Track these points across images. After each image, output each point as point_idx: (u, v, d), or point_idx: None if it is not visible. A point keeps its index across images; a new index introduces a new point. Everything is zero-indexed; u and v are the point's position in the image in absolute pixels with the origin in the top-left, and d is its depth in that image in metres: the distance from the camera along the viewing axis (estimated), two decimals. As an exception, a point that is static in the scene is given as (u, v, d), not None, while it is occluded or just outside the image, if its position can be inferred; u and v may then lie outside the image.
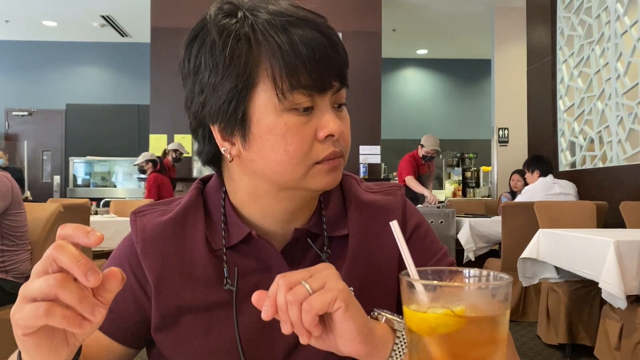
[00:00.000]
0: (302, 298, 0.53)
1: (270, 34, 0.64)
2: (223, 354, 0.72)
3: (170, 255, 0.73)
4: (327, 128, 0.66)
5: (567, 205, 3.90)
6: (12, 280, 2.67)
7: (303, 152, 0.67)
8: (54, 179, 9.70)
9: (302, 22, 0.65)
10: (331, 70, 0.66)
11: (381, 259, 0.77)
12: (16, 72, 9.75)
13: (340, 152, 0.69)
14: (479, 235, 4.76)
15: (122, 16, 8.43)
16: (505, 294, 0.49)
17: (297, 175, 0.68)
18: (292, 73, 0.63)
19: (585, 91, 4.72)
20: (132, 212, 0.78)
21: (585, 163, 4.76)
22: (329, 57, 0.65)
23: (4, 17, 8.50)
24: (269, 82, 0.64)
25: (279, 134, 0.66)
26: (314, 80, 0.64)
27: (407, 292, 0.51)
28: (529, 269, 3.29)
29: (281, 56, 0.63)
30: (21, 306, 0.50)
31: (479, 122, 10.16)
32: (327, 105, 0.68)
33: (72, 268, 0.48)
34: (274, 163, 0.67)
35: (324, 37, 0.65)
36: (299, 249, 0.76)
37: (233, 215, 0.75)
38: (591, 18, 4.63)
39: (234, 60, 0.64)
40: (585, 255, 2.67)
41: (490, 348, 0.50)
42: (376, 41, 6.79)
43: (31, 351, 0.53)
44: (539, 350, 3.51)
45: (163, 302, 0.73)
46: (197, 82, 0.68)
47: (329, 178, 0.69)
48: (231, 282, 0.73)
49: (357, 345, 0.56)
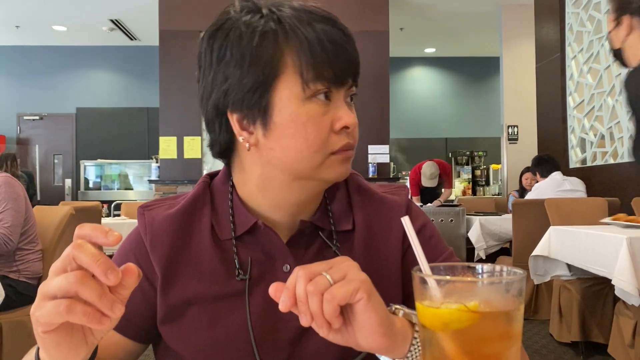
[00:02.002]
0: (323, 288, 0.53)
1: (298, 27, 0.67)
2: (230, 345, 0.72)
3: (178, 248, 0.75)
4: (343, 120, 0.70)
5: (578, 202, 3.88)
6: (25, 280, 2.70)
7: (321, 141, 0.69)
8: (66, 182, 9.77)
9: (324, 19, 0.69)
10: (349, 66, 0.70)
11: (385, 255, 0.78)
12: (27, 77, 9.82)
13: (353, 145, 0.73)
14: (489, 233, 4.74)
15: (131, 20, 8.47)
16: (519, 289, 0.49)
17: (314, 164, 0.70)
18: (317, 65, 0.67)
19: (595, 87, 4.68)
20: (140, 206, 0.79)
21: (596, 160, 4.72)
22: (348, 53, 0.70)
23: (14, 22, 8.57)
24: (295, 72, 0.67)
25: (300, 122, 0.68)
26: (335, 74, 0.68)
27: (420, 287, 0.51)
28: (541, 266, 3.27)
29: (308, 48, 0.67)
30: (41, 304, 0.50)
31: (488, 120, 10.11)
32: (342, 99, 0.71)
33: (92, 266, 0.49)
34: (294, 151, 0.69)
35: (343, 34, 0.70)
36: (303, 241, 0.77)
37: (240, 207, 0.77)
38: (600, 13, 4.59)
39: (261, 52, 0.67)
40: (598, 252, 2.65)
41: (505, 343, 0.50)
42: (384, 40, 6.77)
43: (51, 349, 0.53)
44: (552, 348, 3.49)
45: (170, 295, 0.74)
46: (220, 72, 0.70)
47: (342, 169, 0.72)
48: (243, 272, 0.74)
49: (378, 339, 0.56)
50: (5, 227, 2.58)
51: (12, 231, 2.60)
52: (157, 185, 6.45)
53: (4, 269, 2.63)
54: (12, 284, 2.63)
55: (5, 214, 2.61)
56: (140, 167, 9.54)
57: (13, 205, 2.65)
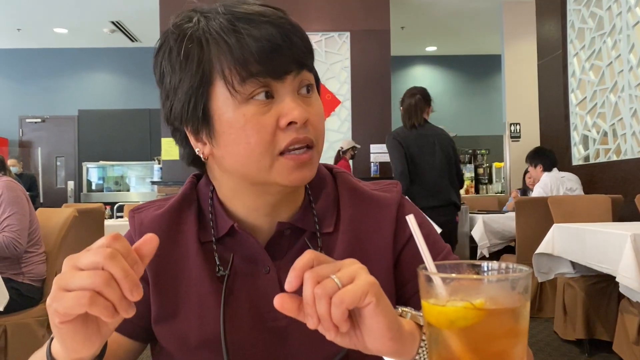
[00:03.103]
0: (331, 292, 0.52)
1: (218, 33, 0.66)
2: (215, 344, 0.72)
3: (166, 248, 0.75)
4: (289, 115, 0.67)
5: (582, 199, 3.87)
6: (29, 283, 2.71)
7: (265, 143, 0.67)
8: (68, 184, 9.79)
9: (253, 17, 0.67)
10: (284, 57, 0.67)
11: (375, 255, 0.76)
12: (29, 80, 9.85)
13: (306, 140, 0.68)
14: (492, 231, 4.73)
15: (132, 21, 8.48)
16: (525, 285, 0.49)
17: (262, 168, 0.69)
18: (241, 66, 0.65)
19: (598, 84, 4.67)
20: (130, 209, 0.81)
21: (599, 157, 4.71)
22: (279, 46, 0.66)
23: (15, 25, 8.59)
24: (221, 78, 0.66)
25: (238, 127, 0.67)
26: (266, 68, 0.66)
27: (426, 285, 0.51)
28: (545, 264, 3.27)
29: (228, 52, 0.66)
30: (59, 295, 0.51)
31: (490, 118, 10.10)
32: (288, 91, 0.68)
33: (121, 280, 0.51)
34: (240, 157, 0.69)
35: (274, 27, 0.67)
36: (284, 243, 0.77)
37: (220, 209, 0.77)
38: (602, 10, 4.58)
39: (188, 61, 0.67)
40: (602, 250, 2.64)
41: (511, 341, 0.50)
42: (385, 39, 6.77)
43: (67, 339, 0.54)
44: (556, 346, 3.48)
45: (160, 295, 0.75)
46: (163, 89, 0.71)
47: (296, 174, 0.69)
48: (223, 269, 0.75)
49: (386, 342, 0.55)
50: (13, 230, 2.60)
51: (21, 234, 2.62)
52: (160, 186, 6.46)
53: (9, 271, 2.63)
54: (16, 287, 2.63)
55: (12, 218, 2.62)
56: (142, 169, 9.55)
57: (18, 209, 2.66)
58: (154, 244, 0.55)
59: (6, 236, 2.57)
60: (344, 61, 6.73)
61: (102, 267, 0.51)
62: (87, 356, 0.57)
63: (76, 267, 0.52)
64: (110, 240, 0.52)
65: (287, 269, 0.55)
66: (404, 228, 0.79)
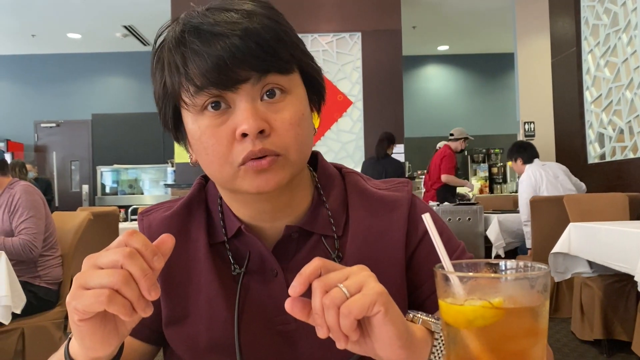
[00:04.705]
0: (339, 302, 0.51)
1: (169, 47, 0.66)
2: (225, 347, 0.72)
3: (175, 250, 0.74)
4: (240, 127, 0.63)
5: (598, 197, 3.82)
6: (45, 286, 2.73)
7: (220, 154, 0.65)
8: (83, 188, 9.88)
9: (206, 26, 0.64)
10: (234, 65, 0.62)
11: (386, 257, 0.75)
12: (43, 85, 9.96)
13: (264, 151, 0.64)
14: (507, 231, 4.69)
15: (144, 25, 8.55)
16: (544, 284, 0.48)
17: (227, 178, 0.67)
18: (187, 80, 0.64)
19: (613, 81, 4.61)
20: (139, 212, 0.81)
21: (615, 154, 4.66)
22: (221, 59, 0.62)
23: (30, 31, 8.70)
24: (178, 89, 0.66)
25: (196, 138, 0.67)
26: (213, 81, 0.62)
27: (443, 285, 0.50)
28: (561, 263, 3.23)
29: (175, 68, 0.65)
30: (78, 293, 0.52)
31: (503, 117, 10.02)
32: (245, 100, 0.64)
33: (139, 280, 0.52)
34: (205, 167, 0.69)
35: (224, 38, 0.62)
36: (292, 246, 0.75)
37: (228, 210, 0.76)
38: (617, 6, 4.53)
39: (157, 70, 0.69)
40: (620, 249, 2.60)
41: (530, 340, 0.49)
42: (396, 39, 6.75)
43: (86, 337, 0.55)
44: (574, 346, 3.44)
45: (170, 298, 0.75)
46: None
47: (259, 181, 0.65)
48: (239, 267, 0.74)
49: (396, 350, 0.54)
50: (29, 234, 2.63)
51: (36, 238, 2.65)
52: (173, 189, 6.49)
53: (26, 275, 2.66)
54: (33, 290, 2.66)
55: (28, 222, 2.66)
56: (156, 172, 9.61)
57: (34, 213, 2.69)
58: (170, 244, 0.56)
59: (22, 239, 2.61)
60: (355, 62, 6.72)
61: (121, 265, 0.51)
62: (104, 356, 0.58)
63: (96, 266, 0.52)
64: (128, 237, 0.53)
65: (295, 272, 0.54)
66: (416, 228, 0.77)
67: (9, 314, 2.39)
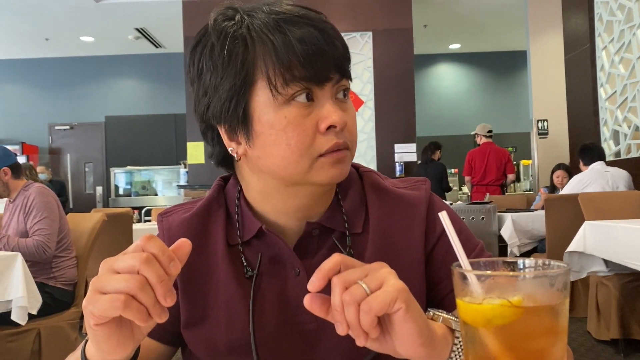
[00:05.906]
0: (359, 299, 0.51)
1: (265, 33, 0.66)
2: (244, 349, 0.72)
3: (194, 252, 0.75)
4: (329, 119, 0.66)
5: (614, 195, 3.78)
6: (61, 287, 2.76)
7: (305, 145, 0.67)
8: (97, 189, 9.96)
9: (298, 19, 0.66)
10: (327, 63, 0.66)
11: (405, 256, 0.75)
12: (57, 88, 10.06)
13: (345, 144, 0.69)
14: (521, 230, 4.65)
15: (156, 28, 8.60)
16: (563, 282, 0.48)
17: (301, 169, 0.68)
18: (286, 68, 0.64)
19: (628, 77, 4.56)
20: (159, 213, 0.81)
21: (630, 152, 4.60)
22: (323, 51, 0.66)
23: (43, 35, 8.79)
24: (264, 79, 0.66)
25: (279, 128, 0.66)
26: (310, 73, 0.65)
27: (460, 283, 0.50)
28: (576, 262, 3.20)
29: (274, 53, 0.65)
30: (95, 297, 0.52)
31: (516, 115, 9.95)
32: (328, 97, 0.68)
33: (155, 286, 0.52)
34: (278, 158, 0.68)
35: (318, 31, 0.66)
36: (313, 244, 0.75)
37: (247, 211, 0.76)
38: (631, 2, 4.47)
39: (232, 60, 0.66)
40: (636, 247, 2.57)
41: (550, 339, 0.48)
42: (407, 38, 6.73)
43: (102, 341, 0.55)
44: (590, 346, 3.40)
45: (189, 299, 0.75)
46: (201, 86, 0.70)
47: (334, 171, 0.69)
48: (251, 269, 0.74)
49: (417, 348, 0.54)
50: (43, 235, 2.65)
51: (50, 239, 2.67)
52: (186, 190, 6.53)
53: (41, 276, 2.69)
54: (48, 291, 2.69)
55: (42, 223, 2.68)
56: (169, 173, 9.67)
57: (48, 214, 2.72)
58: (187, 248, 0.55)
59: (36, 240, 2.63)
60: (366, 61, 6.71)
61: (137, 271, 0.51)
62: (120, 359, 0.58)
63: (112, 270, 0.52)
64: (145, 241, 0.53)
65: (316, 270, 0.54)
66: (434, 226, 0.77)
67: (26, 315, 2.41)
